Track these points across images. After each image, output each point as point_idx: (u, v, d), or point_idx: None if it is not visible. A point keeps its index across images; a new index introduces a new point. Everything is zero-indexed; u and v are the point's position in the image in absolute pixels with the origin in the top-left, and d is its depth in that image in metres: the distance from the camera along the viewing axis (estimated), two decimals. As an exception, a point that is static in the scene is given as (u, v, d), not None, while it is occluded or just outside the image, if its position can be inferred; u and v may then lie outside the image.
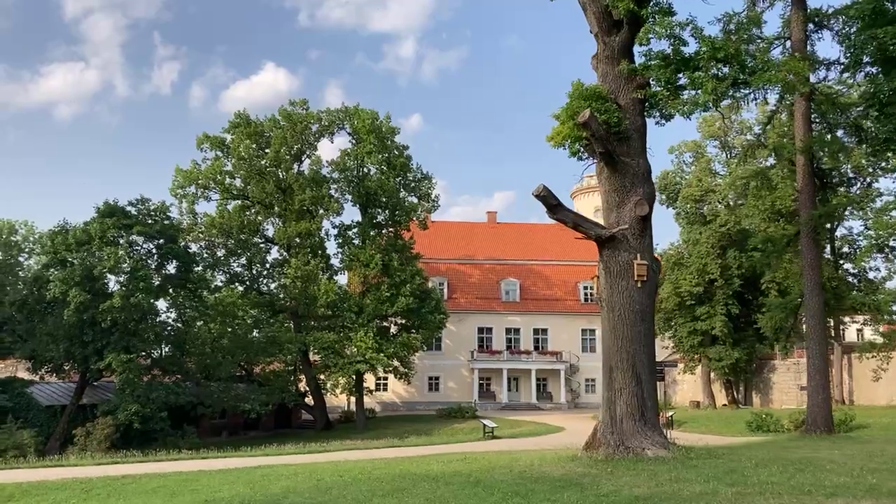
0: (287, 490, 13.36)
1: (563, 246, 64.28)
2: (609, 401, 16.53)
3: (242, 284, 48.30)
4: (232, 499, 12.43)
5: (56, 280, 36.02)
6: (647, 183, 17.13)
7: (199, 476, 16.17)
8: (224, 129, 48.45)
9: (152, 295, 38.58)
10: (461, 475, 14.64)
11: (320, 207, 47.29)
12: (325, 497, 12.35)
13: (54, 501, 13.13)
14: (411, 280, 47.02)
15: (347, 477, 14.85)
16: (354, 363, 44.28)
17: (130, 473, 17.05)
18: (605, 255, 16.85)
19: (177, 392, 39.36)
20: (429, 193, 50.09)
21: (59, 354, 38.22)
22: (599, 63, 17.43)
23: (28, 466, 20.34)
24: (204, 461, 20.88)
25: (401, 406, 57.11)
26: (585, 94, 16.41)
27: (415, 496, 12.11)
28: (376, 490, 12.79)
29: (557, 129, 17.92)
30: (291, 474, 15.64)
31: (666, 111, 18.04)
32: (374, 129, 47.94)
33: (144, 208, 40.39)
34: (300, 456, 22.08)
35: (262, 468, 17.76)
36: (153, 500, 12.71)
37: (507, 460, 17.27)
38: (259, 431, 48.34)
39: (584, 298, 60.52)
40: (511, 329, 59.28)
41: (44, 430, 37.34)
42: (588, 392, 59.31)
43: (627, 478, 13.10)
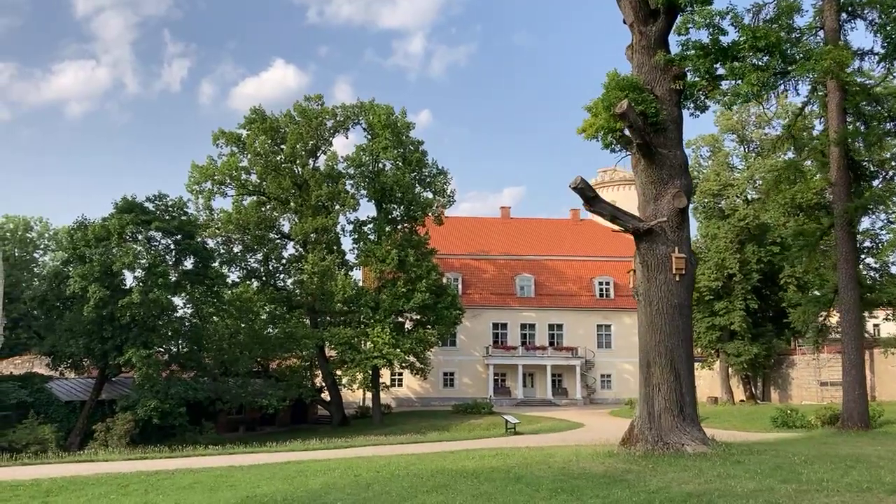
0: (327, 486, 13.21)
1: (578, 241, 64.05)
2: (647, 396, 16.31)
3: (259, 280, 48.26)
4: (273, 494, 12.28)
5: (76, 276, 36.03)
6: (684, 174, 16.88)
7: (232, 472, 16.04)
8: (240, 125, 48.41)
9: (170, 291, 38.56)
10: (499, 471, 14.46)
11: (336, 203, 47.16)
12: (367, 493, 12.18)
13: (92, 497, 13.01)
14: (427, 276, 46.84)
15: (384, 473, 14.69)
16: (371, 358, 44.17)
17: (162, 469, 16.95)
18: (642, 248, 16.60)
19: (195, 388, 39.37)
20: (444, 188, 49.87)
21: (78, 350, 38.24)
22: (635, 53, 17.17)
23: (57, 462, 20.29)
24: (231, 457, 20.78)
25: (416, 402, 56.97)
26: (622, 84, 16.15)
27: (459, 492, 11.93)
28: (418, 486, 12.61)
29: (590, 120, 17.68)
30: (327, 470, 15.49)
31: (700, 102, 17.81)
32: (390, 124, 47.75)
33: (162, 204, 40.37)
34: (326, 451, 21.94)
35: (292, 464, 17.63)
36: (193, 497, 12.56)
37: (541, 456, 17.07)
38: (276, 427, 48.27)
39: (600, 294, 60.20)
40: (526, 325, 59.03)
41: (64, 425, 37.42)
42: (603, 388, 59.03)
43: (672, 474, 12.88)
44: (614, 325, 59.43)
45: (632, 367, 58.83)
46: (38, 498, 12.98)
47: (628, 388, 57.96)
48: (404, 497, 11.56)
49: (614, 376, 59.07)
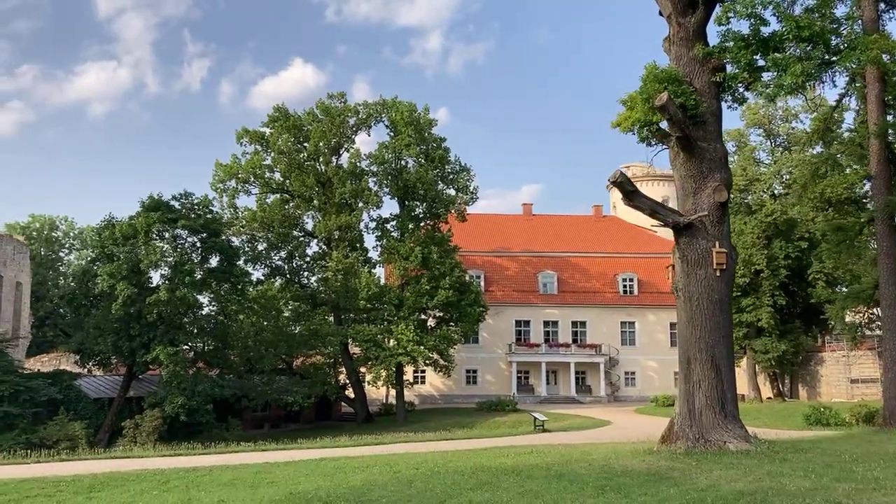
0: (367, 482, 13.13)
1: (601, 238, 63.62)
2: (687, 393, 16.09)
3: (283, 278, 48.42)
4: (316, 491, 12.22)
5: (103, 274, 36.27)
6: (724, 168, 16.61)
7: (269, 468, 16.03)
8: (263, 123, 48.57)
9: (196, 289, 38.76)
10: (539, 468, 14.30)
11: (359, 200, 47.18)
12: (410, 490, 12.08)
13: (135, 493, 13.03)
14: (450, 273, 46.73)
15: (423, 470, 14.59)
16: (396, 356, 44.17)
17: (198, 466, 16.99)
18: (682, 242, 16.34)
19: (221, 385, 39.50)
20: (467, 185, 49.68)
21: (106, 348, 38.54)
22: (672, 45, 16.90)
23: (94, 458, 20.42)
24: (264, 453, 20.79)
25: (439, 399, 56.93)
26: (661, 76, 15.91)
27: (504, 490, 11.80)
28: (461, 483, 12.49)
29: (625, 114, 17.47)
30: (364, 466, 15.43)
31: (739, 95, 17.54)
32: (412, 121, 47.69)
33: (188, 202, 40.55)
34: (358, 448, 21.90)
35: (328, 461, 17.58)
36: (235, 493, 12.54)
37: (578, 454, 16.90)
38: (300, 424, 48.45)
39: (623, 290, 59.77)
40: (549, 322, 58.74)
41: (93, 422, 37.71)
42: (627, 385, 58.61)
43: (718, 472, 12.67)
44: (638, 322, 58.97)
45: (656, 364, 58.50)
46: (81, 494, 13.02)
47: (652, 385, 57.63)
48: (449, 494, 11.45)
49: (638, 374, 58.63)
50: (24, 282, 53.54)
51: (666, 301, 58.59)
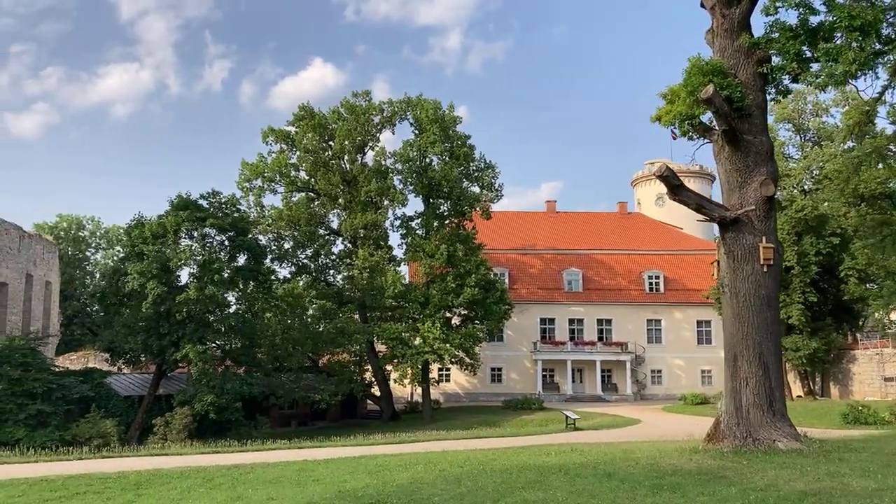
0: (414, 480, 13.02)
1: (626, 235, 63.09)
2: (733, 391, 15.81)
3: (309, 276, 48.52)
4: (365, 489, 12.13)
5: (134, 273, 36.53)
6: (770, 161, 16.29)
7: (311, 466, 15.98)
8: (288, 122, 48.70)
9: (224, 287, 38.93)
10: (585, 467, 14.12)
11: (385, 198, 47.13)
12: (460, 489, 11.95)
13: (183, 490, 13.02)
14: (476, 270, 46.54)
15: (468, 468, 14.46)
16: (422, 353, 44.06)
17: (239, 463, 16.98)
18: (728, 238, 16.05)
19: (250, 383, 39.65)
20: (492, 183, 49.42)
21: (136, 346, 38.80)
22: (716, 37, 16.61)
23: (134, 455, 20.54)
24: (300, 451, 20.78)
25: (463, 397, 56.80)
26: (706, 69, 15.63)
27: (555, 489, 11.64)
28: (510, 482, 12.35)
29: (666, 108, 17.21)
30: (407, 464, 15.33)
31: (783, 87, 17.20)
32: (437, 118, 47.50)
33: (215, 201, 40.73)
34: (394, 446, 21.82)
35: (367, 458, 17.52)
36: (284, 491, 12.48)
37: (621, 452, 16.69)
38: (326, 422, 48.56)
39: (649, 288, 59.20)
40: (574, 319, 58.34)
41: (123, 419, 38.02)
42: (654, 384, 58.07)
43: (773, 471, 12.42)
44: (664, 319, 58.41)
45: (682, 362, 57.93)
46: (129, 490, 13.04)
47: (679, 383, 57.08)
48: (502, 493, 11.30)
49: (665, 372, 58.08)
50: (53, 281, 54.19)
51: (692, 299, 58.08)
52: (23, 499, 12.17)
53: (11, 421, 32.99)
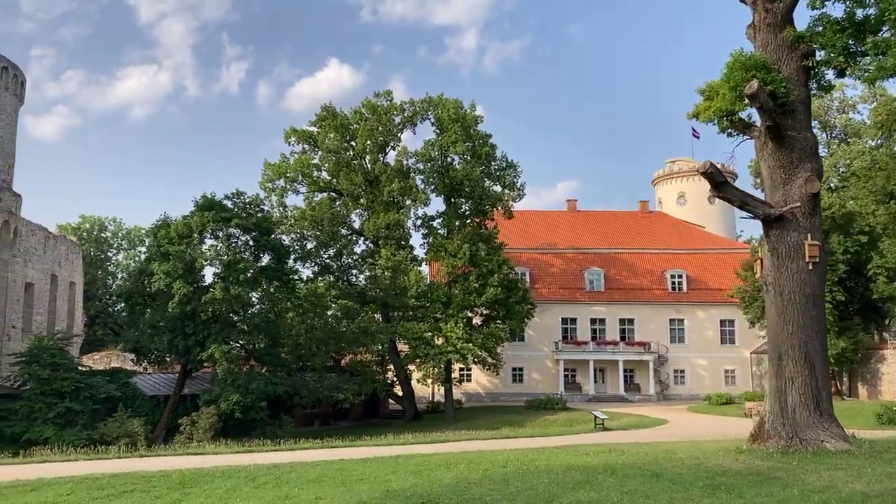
0: (460, 480, 12.91)
1: (648, 234, 62.66)
2: (778, 390, 15.56)
3: (332, 276, 48.58)
4: (412, 488, 12.05)
5: (160, 273, 36.71)
6: (814, 157, 16.04)
7: (351, 465, 15.91)
8: (310, 123, 48.80)
9: (249, 287, 39.04)
10: (631, 467, 13.95)
11: (407, 198, 47.08)
12: (509, 489, 11.83)
13: (228, 489, 12.99)
14: (498, 270, 46.39)
15: (511, 468, 14.34)
16: (445, 353, 43.95)
17: (277, 462, 16.94)
18: (772, 235, 15.81)
19: (274, 382, 39.71)
20: (514, 182, 49.23)
21: (162, 346, 39.00)
22: (758, 32, 16.37)
23: (172, 454, 20.60)
24: (333, 450, 20.74)
25: (485, 397, 56.65)
26: (749, 63, 15.40)
27: (607, 490, 11.49)
28: (560, 483, 12.21)
29: (705, 104, 17.02)
30: (447, 464, 15.23)
31: (825, 82, 16.94)
32: (459, 117, 47.38)
33: (239, 201, 40.92)
34: (428, 446, 21.74)
35: (405, 457, 17.43)
36: (331, 490, 12.42)
37: (661, 452, 16.49)
38: (349, 421, 48.61)
39: (672, 287, 58.74)
40: (596, 319, 58.01)
41: (149, 419, 38.21)
42: (677, 384, 57.62)
43: (827, 473, 12.20)
44: (687, 319, 57.93)
45: (706, 362, 57.45)
46: (175, 489, 13.04)
47: (702, 383, 56.63)
48: (554, 493, 11.17)
49: (688, 372, 57.62)
50: (77, 281, 54.67)
51: (716, 298, 57.56)
52: (72, 497, 12.20)
53: (41, 420, 33.28)
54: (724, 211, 74.18)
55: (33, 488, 12.91)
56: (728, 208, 74.61)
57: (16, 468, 16.39)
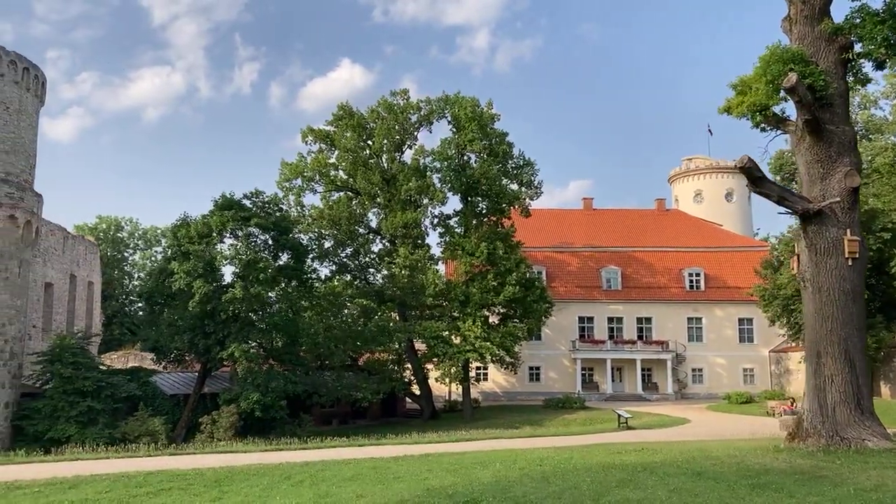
0: (499, 479, 12.79)
1: (665, 232, 62.29)
2: (817, 388, 15.34)
3: (349, 275, 48.55)
4: (453, 486, 11.94)
5: (181, 272, 36.76)
6: (853, 151, 15.81)
7: (385, 463, 15.82)
8: (327, 122, 48.79)
9: (268, 286, 39.04)
10: (670, 466, 13.79)
11: (424, 197, 46.95)
12: (551, 487, 11.70)
13: (265, 487, 12.92)
14: (516, 268, 46.19)
15: (548, 467, 14.21)
16: (464, 352, 43.80)
17: (308, 460, 16.88)
18: (810, 231, 15.59)
19: (294, 381, 39.70)
20: (531, 180, 48.99)
21: (183, 345, 39.05)
22: (794, 25, 16.16)
23: (201, 452, 20.59)
24: (363, 448, 20.67)
25: (501, 396, 56.48)
26: (786, 57, 15.19)
27: (651, 488, 11.34)
28: (601, 481, 12.07)
29: (738, 98, 16.81)
30: (482, 462, 15.11)
31: (862, 75, 16.70)
32: (476, 116, 47.20)
33: (259, 201, 40.94)
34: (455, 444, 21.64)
35: (435, 456, 17.36)
36: (371, 488, 12.32)
37: (696, 451, 16.30)
38: (367, 420, 48.60)
39: (690, 286, 58.34)
40: (613, 318, 57.70)
41: (170, 417, 38.29)
42: (695, 382, 57.24)
43: (875, 472, 12.01)
44: (705, 317, 57.53)
45: (724, 360, 57.04)
46: (212, 487, 12.99)
47: (720, 382, 56.26)
48: (599, 492, 11.03)
49: (706, 370, 57.23)
50: (96, 281, 54.91)
51: (734, 296, 57.15)
52: (111, 494, 12.17)
53: (63, 418, 33.41)
54: (741, 209, 73.69)
55: (71, 486, 12.90)
56: (745, 206, 74.13)
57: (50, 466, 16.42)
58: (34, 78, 35.32)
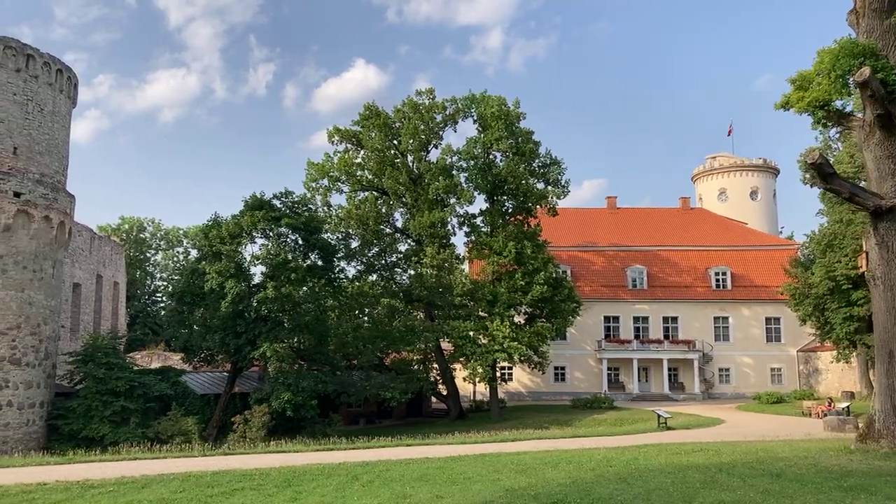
0: (574, 480, 12.62)
1: (690, 230, 61.87)
2: (889, 388, 15.05)
3: (376, 274, 48.48)
4: (531, 487, 11.78)
5: (212, 272, 36.80)
6: (925, 147, 15.48)
7: (446, 463, 15.65)
8: (353, 122, 48.68)
9: (298, 286, 39.02)
10: (744, 467, 13.57)
11: (452, 196, 46.77)
12: (634, 488, 11.51)
13: (336, 487, 12.76)
14: (544, 268, 45.92)
15: (616, 467, 14.04)
16: (492, 352, 43.58)
17: (368, 460, 16.73)
18: (881, 228, 15.30)
19: (324, 381, 39.67)
20: (558, 179, 48.67)
21: (214, 345, 39.09)
22: (861, 18, 15.88)
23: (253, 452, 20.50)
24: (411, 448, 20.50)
25: (526, 396, 56.27)
26: (856, 50, 14.90)
27: (738, 489, 11.13)
28: (683, 482, 11.86)
29: (798, 93, 16.53)
30: (550, 463, 14.92)
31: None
32: (502, 114, 46.98)
33: (288, 201, 40.94)
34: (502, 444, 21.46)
35: (493, 456, 17.19)
36: (445, 488, 12.16)
37: (762, 452, 16.05)
38: (393, 420, 48.55)
39: (716, 285, 57.89)
40: (639, 317, 57.35)
41: (201, 417, 38.35)
42: (722, 382, 56.79)
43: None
44: (732, 317, 57.07)
45: (751, 360, 56.55)
46: (284, 487, 12.85)
47: (748, 382, 55.84)
48: (689, 494, 10.83)
49: (733, 370, 56.78)
50: (121, 281, 55.16)
51: (761, 295, 56.68)
52: (184, 494, 12.07)
53: (97, 418, 33.55)
54: (766, 207, 73.09)
55: (143, 485, 12.81)
56: (770, 204, 73.52)
57: (113, 465, 16.36)
58: (67, 79, 35.47)
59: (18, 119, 32.40)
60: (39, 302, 32.87)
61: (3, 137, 31.80)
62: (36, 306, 32.57)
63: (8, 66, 32.16)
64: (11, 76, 32.30)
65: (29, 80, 32.96)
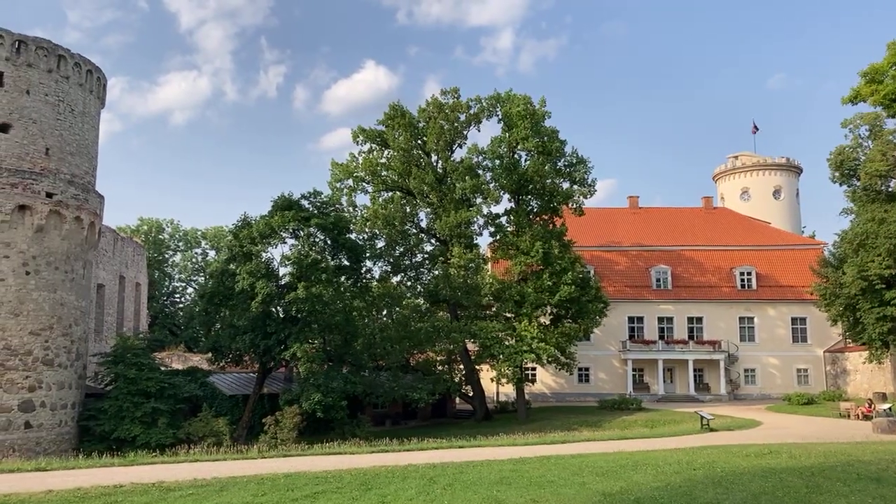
0: (664, 484, 12.28)
1: (714, 230, 61.41)
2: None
3: (402, 274, 48.16)
4: (625, 492, 11.45)
5: (244, 273, 36.55)
6: None
7: (517, 466, 15.33)
8: (378, 121, 48.37)
9: (328, 286, 38.76)
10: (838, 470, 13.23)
11: (478, 196, 46.41)
12: (736, 493, 11.19)
13: (418, 490, 12.44)
14: (571, 268, 45.48)
15: (702, 471, 13.68)
16: (521, 352, 43.17)
17: (432, 462, 16.42)
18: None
19: (353, 381, 39.35)
20: (584, 178, 48.19)
21: (243, 345, 38.82)
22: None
23: (310, 454, 20.25)
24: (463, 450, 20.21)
25: (550, 397, 55.84)
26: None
27: (847, 496, 10.79)
28: (785, 486, 11.59)
29: (868, 87, 16.24)
30: (627, 467, 14.56)
31: None
32: (528, 113, 46.57)
33: (316, 201, 40.70)
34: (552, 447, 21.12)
35: (554, 458, 16.88)
36: (538, 492, 11.84)
37: (842, 455, 15.80)
38: (418, 421, 48.18)
39: (741, 285, 57.37)
40: (663, 318, 56.82)
41: (230, 418, 38.08)
42: (747, 383, 56.27)
43: None
44: (757, 317, 56.55)
45: (777, 361, 56.08)
46: (364, 490, 12.53)
47: (774, 383, 55.38)
48: (802, 500, 10.46)
49: (758, 371, 56.26)
50: (142, 282, 55.02)
51: (786, 295, 56.20)
52: (266, 498, 11.77)
53: (129, 419, 33.38)
54: (790, 206, 72.55)
55: (221, 488, 12.51)
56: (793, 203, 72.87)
57: (175, 467, 16.09)
58: (96, 80, 35.28)
59: (50, 120, 32.20)
60: (71, 303, 32.66)
61: (35, 138, 31.58)
62: (68, 307, 32.35)
63: (40, 67, 31.96)
64: (43, 77, 32.10)
65: (60, 80, 32.75)
